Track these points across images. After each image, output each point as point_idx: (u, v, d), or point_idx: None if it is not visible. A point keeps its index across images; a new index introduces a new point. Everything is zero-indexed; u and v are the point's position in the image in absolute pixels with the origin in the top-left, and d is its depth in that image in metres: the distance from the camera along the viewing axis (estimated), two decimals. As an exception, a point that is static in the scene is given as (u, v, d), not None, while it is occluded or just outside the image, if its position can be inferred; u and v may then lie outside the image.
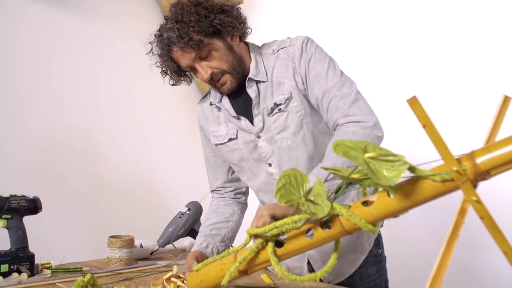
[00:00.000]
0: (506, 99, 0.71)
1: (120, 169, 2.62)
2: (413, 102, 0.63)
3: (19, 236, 1.49)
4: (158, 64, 1.39)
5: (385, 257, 1.47)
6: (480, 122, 1.88)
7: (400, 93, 2.16)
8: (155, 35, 1.35)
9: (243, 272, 0.97)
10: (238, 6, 1.37)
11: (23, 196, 1.52)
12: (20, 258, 1.47)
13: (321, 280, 1.37)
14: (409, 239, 2.16)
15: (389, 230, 1.65)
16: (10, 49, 2.26)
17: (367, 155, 0.69)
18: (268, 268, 1.31)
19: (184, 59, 1.30)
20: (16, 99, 2.26)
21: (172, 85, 1.44)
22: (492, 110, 0.72)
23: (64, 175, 2.38)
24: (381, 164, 0.66)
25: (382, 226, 1.47)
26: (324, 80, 1.27)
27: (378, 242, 1.44)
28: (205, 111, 1.50)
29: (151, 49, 1.38)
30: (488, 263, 1.88)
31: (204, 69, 1.30)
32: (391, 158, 0.68)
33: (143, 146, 2.75)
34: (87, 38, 2.55)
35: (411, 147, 1.76)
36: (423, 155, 0.89)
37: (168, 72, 1.39)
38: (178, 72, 1.38)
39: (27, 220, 1.53)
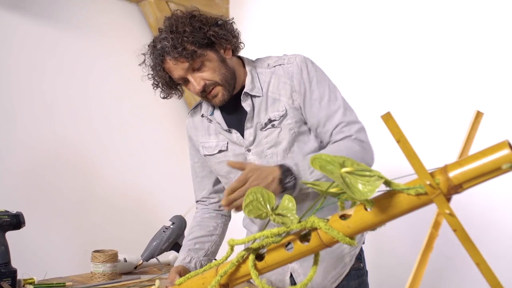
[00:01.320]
0: (478, 115, 0.73)
1: (106, 183, 2.60)
2: (387, 118, 0.65)
3: (1, 252, 1.48)
4: (149, 76, 1.38)
5: (366, 271, 1.47)
6: (453, 136, 1.93)
7: (375, 108, 2.19)
8: (148, 46, 1.35)
9: (225, 286, 0.97)
10: (232, 21, 1.38)
11: (6, 211, 1.51)
12: (2, 273, 1.45)
13: (303, 293, 1.37)
14: (394, 251, 2.18)
15: (374, 243, 1.67)
16: (1, 65, 2.26)
17: (343, 169, 0.70)
18: (251, 281, 1.31)
19: (177, 69, 1.30)
20: (6, 113, 2.26)
21: (163, 98, 1.43)
22: (465, 125, 0.74)
23: (49, 190, 2.36)
24: (357, 178, 0.67)
25: (364, 243, 1.48)
26: (327, 104, 1.30)
27: (360, 256, 1.45)
28: (195, 122, 1.50)
29: (144, 60, 1.37)
30: (470, 273, 1.90)
31: (197, 80, 1.30)
32: (367, 173, 0.69)
33: (131, 161, 2.73)
34: (76, 54, 2.55)
35: (387, 161, 1.78)
36: (399, 169, 0.91)
37: (160, 84, 1.38)
38: (169, 84, 1.38)
39: (10, 234, 1.51)
